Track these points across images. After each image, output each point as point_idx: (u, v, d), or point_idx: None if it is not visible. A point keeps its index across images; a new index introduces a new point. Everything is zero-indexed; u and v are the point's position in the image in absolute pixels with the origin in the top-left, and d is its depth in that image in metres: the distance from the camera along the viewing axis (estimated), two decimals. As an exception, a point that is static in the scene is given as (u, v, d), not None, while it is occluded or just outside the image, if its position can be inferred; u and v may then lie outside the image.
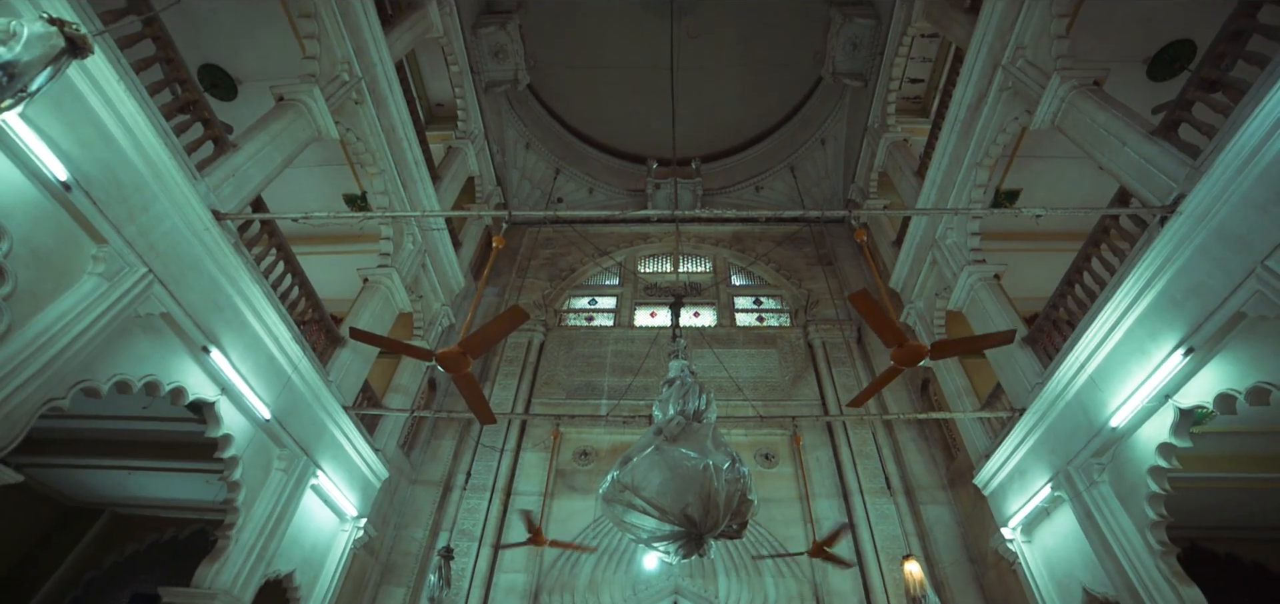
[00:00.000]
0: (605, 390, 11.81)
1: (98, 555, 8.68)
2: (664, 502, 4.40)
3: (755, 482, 10.00)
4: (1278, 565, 8.02)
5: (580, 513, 10.00)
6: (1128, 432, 5.95)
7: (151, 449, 7.55)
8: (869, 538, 9.36)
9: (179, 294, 5.45)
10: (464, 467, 10.46)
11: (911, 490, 9.84)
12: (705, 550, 4.53)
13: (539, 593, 9.32)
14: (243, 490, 6.15)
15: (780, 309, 13.86)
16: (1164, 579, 5.47)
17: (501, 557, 9.55)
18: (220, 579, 5.78)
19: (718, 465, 4.37)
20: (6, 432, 4.10)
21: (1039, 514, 7.24)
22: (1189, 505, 6.78)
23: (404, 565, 9.33)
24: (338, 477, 7.73)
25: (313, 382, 7.20)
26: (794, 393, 11.59)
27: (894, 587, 8.68)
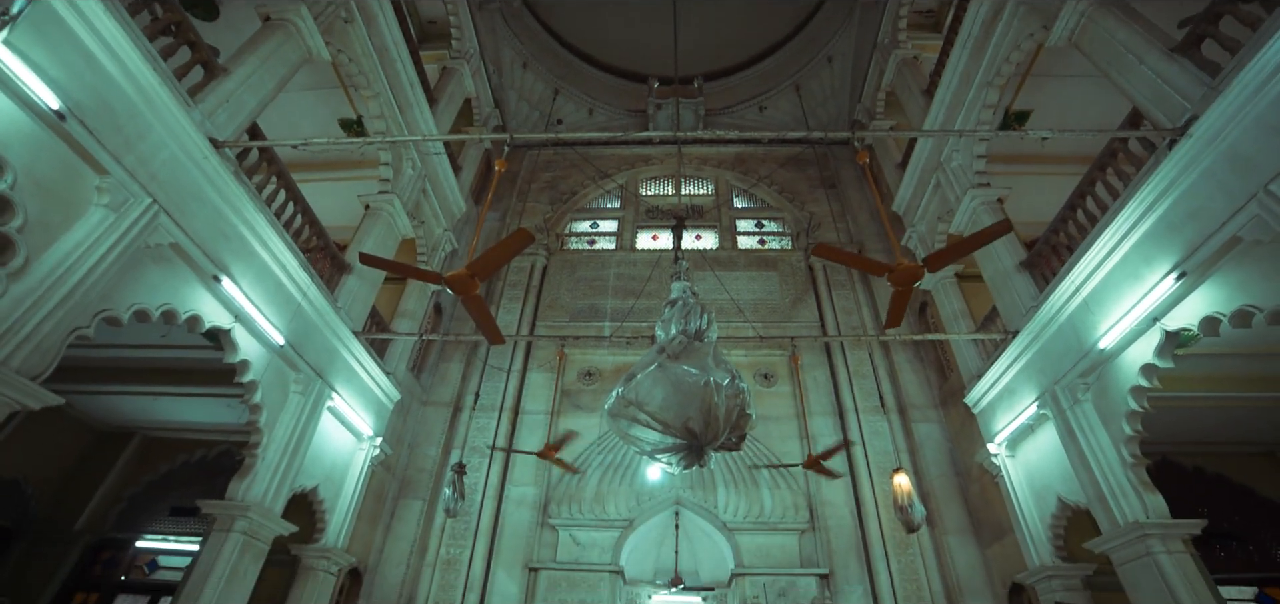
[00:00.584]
0: (608, 313, 12.03)
1: (135, 474, 9.20)
2: (667, 416, 4.66)
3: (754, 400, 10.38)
4: (1238, 476, 8.49)
5: (586, 429, 10.43)
6: (1114, 353, 6.14)
7: (175, 376, 7.85)
8: (862, 453, 9.82)
9: (185, 224, 5.50)
10: (473, 388, 10.84)
11: (904, 409, 10.23)
12: (705, 461, 4.85)
13: (548, 504, 9.90)
14: (264, 412, 6.44)
15: (782, 232, 13.86)
16: (1132, 488, 5.83)
17: (511, 471, 10.07)
18: (251, 493, 6.17)
19: (718, 382, 4.60)
20: (40, 359, 4.29)
21: (1024, 431, 7.58)
22: (1163, 423, 7.08)
23: (419, 481, 9.87)
24: (352, 399, 8.04)
25: (322, 308, 7.36)
26: (794, 315, 11.80)
27: (883, 497, 9.21)
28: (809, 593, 8.84)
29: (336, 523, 7.78)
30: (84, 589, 8.58)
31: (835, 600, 8.57)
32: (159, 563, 8.86)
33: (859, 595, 8.75)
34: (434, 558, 9.15)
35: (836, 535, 9.27)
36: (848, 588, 8.82)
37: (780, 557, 9.38)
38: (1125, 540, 5.78)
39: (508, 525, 9.58)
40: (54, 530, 8.63)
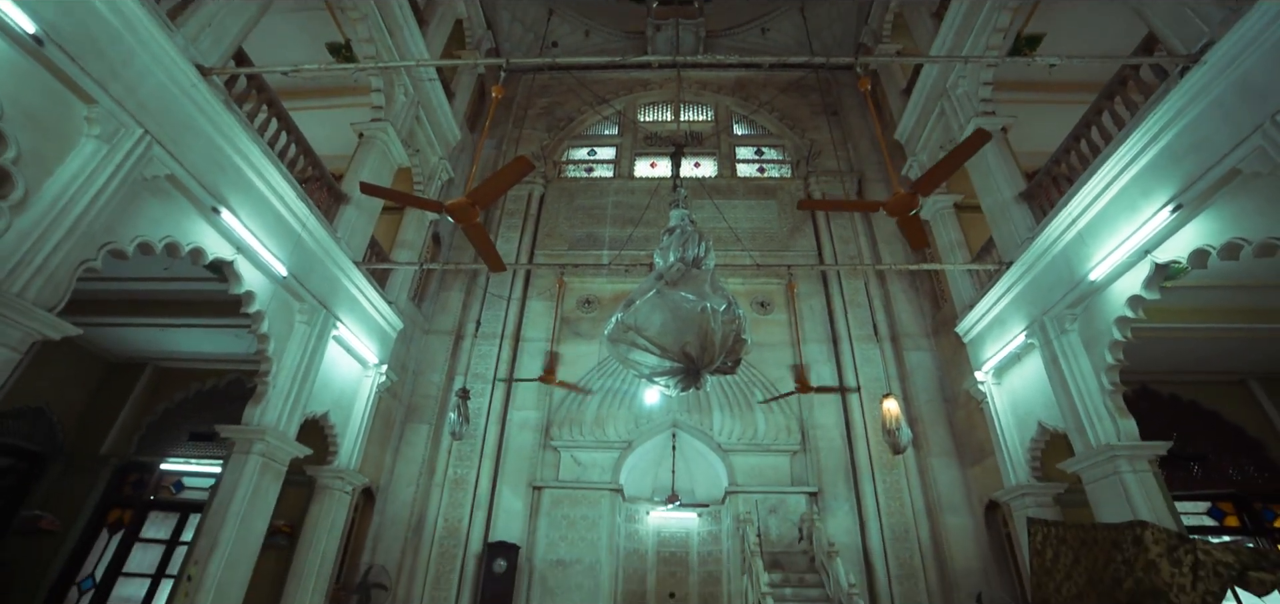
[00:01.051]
0: (606, 241, 12.07)
1: (150, 403, 9.52)
2: (665, 341, 4.85)
3: (750, 327, 10.64)
4: (1209, 403, 8.84)
5: (585, 356, 10.72)
6: (1103, 285, 6.26)
7: (183, 308, 7.98)
8: (854, 379, 10.14)
9: (180, 155, 5.46)
10: (473, 316, 11.03)
11: (897, 337, 10.47)
12: (701, 384, 5.08)
13: (550, 427, 10.31)
14: (272, 342, 6.61)
15: (782, 160, 13.68)
16: (1108, 413, 6.10)
17: (514, 396, 10.42)
18: (265, 418, 6.43)
19: (715, 308, 4.77)
20: (53, 291, 4.39)
21: (1011, 360, 7.82)
22: (1144, 353, 7.31)
23: (425, 406, 10.22)
24: (356, 328, 8.21)
25: (322, 239, 7.40)
26: (791, 244, 11.85)
27: (872, 422, 9.60)
28: (798, 509, 9.37)
29: (348, 446, 8.13)
30: (118, 507, 9.09)
31: (823, 516, 9.10)
32: (184, 483, 9.31)
33: (846, 511, 9.28)
34: (443, 478, 9.63)
35: (826, 456, 9.73)
36: (835, 505, 9.34)
37: (772, 476, 9.87)
38: (1096, 461, 6.11)
39: (512, 447, 10.01)
40: (82, 455, 9.04)
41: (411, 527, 9.21)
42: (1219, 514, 8.60)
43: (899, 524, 9.04)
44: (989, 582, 8.34)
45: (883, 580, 8.67)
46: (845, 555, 8.39)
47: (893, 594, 8.57)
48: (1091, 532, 6.15)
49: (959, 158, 4.66)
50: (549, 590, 8.98)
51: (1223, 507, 8.62)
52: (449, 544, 9.12)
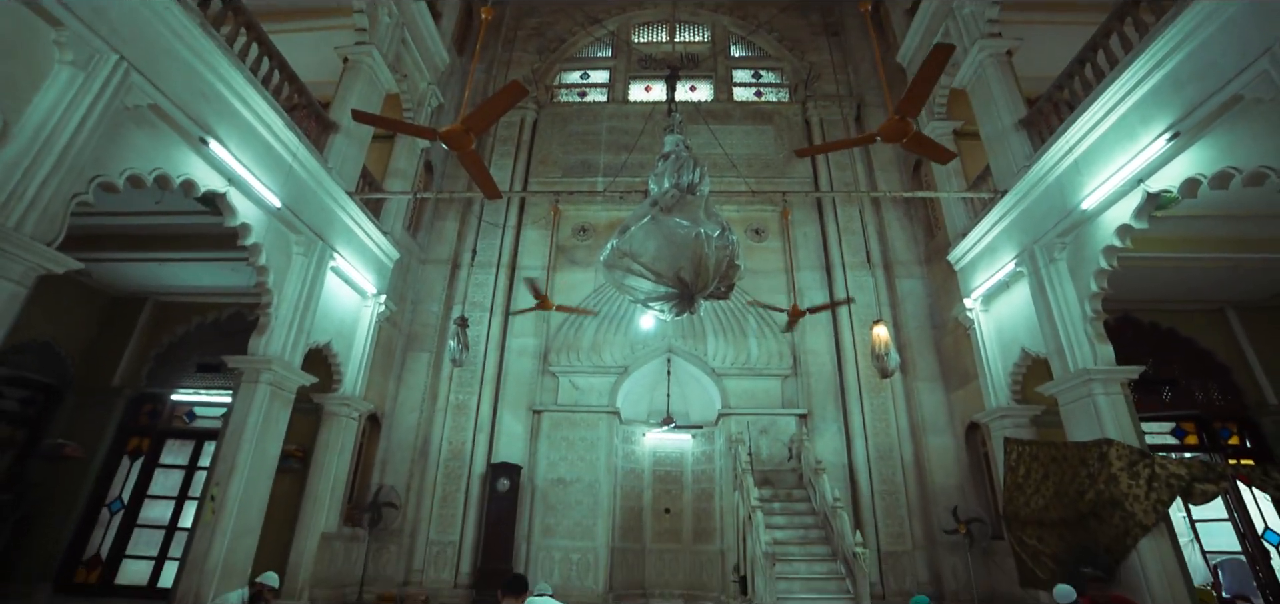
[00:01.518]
0: (601, 168, 11.92)
1: (155, 336, 9.65)
2: (659, 266, 4.97)
3: (745, 254, 10.70)
4: (1186, 331, 9.13)
5: (581, 284, 10.83)
6: (1094, 214, 6.33)
7: (181, 242, 7.96)
8: (846, 306, 10.33)
9: (161, 83, 5.30)
10: (469, 245, 11.04)
11: (890, 265, 10.59)
12: (696, 309, 5.22)
13: (548, 353, 10.55)
14: (271, 274, 6.65)
15: (779, 84, 13.31)
16: (1088, 340, 6.32)
17: (512, 323, 10.59)
18: (270, 348, 6.57)
19: (709, 234, 4.85)
20: (50, 225, 4.40)
21: (999, 287, 7.98)
22: (1128, 282, 7.48)
23: (425, 335, 10.40)
24: (353, 258, 8.24)
25: (313, 169, 7.30)
26: (788, 170, 11.74)
27: (862, 347, 9.86)
28: (789, 431, 9.79)
29: (351, 374, 8.35)
30: (136, 435, 9.40)
31: (812, 437, 9.51)
32: (196, 413, 9.59)
33: (834, 432, 9.71)
34: (445, 403, 9.94)
35: (817, 380, 10.06)
36: (824, 426, 9.75)
37: (764, 399, 10.24)
38: (1073, 384, 6.39)
39: (511, 373, 10.29)
40: (95, 387, 9.27)
41: (417, 450, 9.60)
42: (1182, 433, 9.07)
43: (884, 444, 9.49)
44: (965, 497, 8.86)
45: (866, 495, 9.20)
46: (832, 473, 8.84)
47: (875, 508, 9.11)
48: (1062, 449, 6.53)
49: (932, 71, 4.55)
50: (551, 507, 9.48)
51: (1185, 427, 9.08)
52: (454, 465, 9.54)
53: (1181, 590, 5.38)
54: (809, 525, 7.68)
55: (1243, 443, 8.84)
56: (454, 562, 9.00)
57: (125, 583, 8.46)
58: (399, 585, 8.78)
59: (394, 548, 8.99)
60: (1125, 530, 5.61)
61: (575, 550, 9.17)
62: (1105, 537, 5.82)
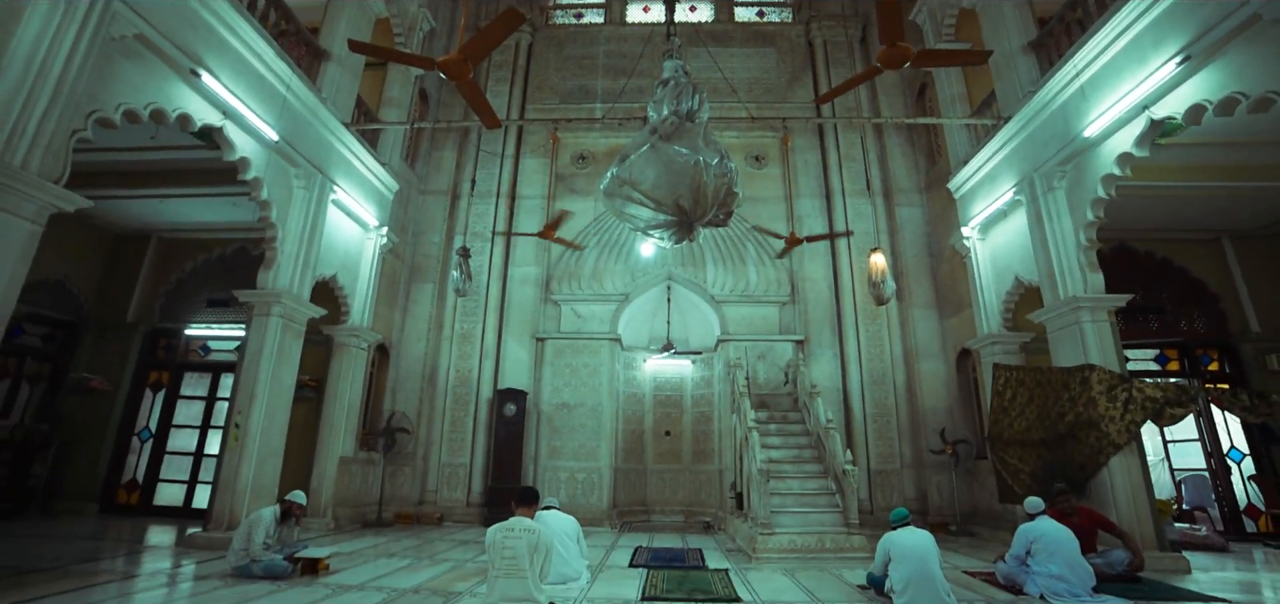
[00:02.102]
0: (599, 93, 11.65)
1: (164, 272, 9.79)
2: (658, 194, 5.05)
3: (744, 182, 10.70)
4: (1179, 260, 9.23)
5: (581, 212, 10.81)
6: (1097, 142, 6.29)
7: (181, 178, 7.95)
8: (845, 235, 10.39)
9: (145, 13, 5.15)
10: (468, 175, 10.95)
11: (890, 193, 10.57)
12: (695, 236, 5.34)
13: (549, 281, 10.70)
14: (273, 208, 6.68)
15: (783, 2, 12.76)
16: (1080, 268, 6.44)
17: (513, 253, 10.68)
18: (278, 282, 6.70)
19: (707, 162, 4.90)
20: (54, 163, 4.41)
21: (997, 216, 8.01)
22: (1126, 211, 7.52)
23: (427, 266, 10.50)
24: (353, 191, 8.23)
25: (308, 100, 7.17)
26: (789, 94, 11.49)
27: (860, 274, 9.99)
28: (785, 356, 10.08)
29: (358, 306, 8.52)
30: (155, 369, 9.72)
31: (808, 362, 9.80)
32: (210, 347, 9.85)
33: (829, 358, 10.01)
34: (450, 332, 10.18)
35: (814, 307, 10.27)
36: (820, 352, 10.04)
37: (762, 325, 10.48)
38: (1062, 311, 6.56)
39: (514, 302, 10.47)
40: (111, 324, 9.50)
41: (426, 377, 9.92)
42: (1164, 360, 9.36)
43: (877, 369, 9.81)
44: (953, 420, 9.25)
45: (859, 418, 9.60)
46: (826, 396, 9.17)
47: (867, 430, 9.53)
48: (1047, 374, 6.79)
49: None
50: (556, 430, 9.91)
51: (1169, 353, 9.36)
52: (462, 392, 9.89)
53: (1144, 503, 5.76)
54: (802, 446, 8.07)
55: (1222, 368, 9.14)
56: (466, 482, 9.51)
57: (162, 504, 9.01)
58: (415, 505, 9.32)
59: (408, 470, 9.48)
60: (1099, 449, 5.93)
61: (580, 471, 9.67)
62: (1080, 455, 6.16)
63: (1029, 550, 4.59)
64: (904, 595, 4.07)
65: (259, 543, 4.70)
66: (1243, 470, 8.58)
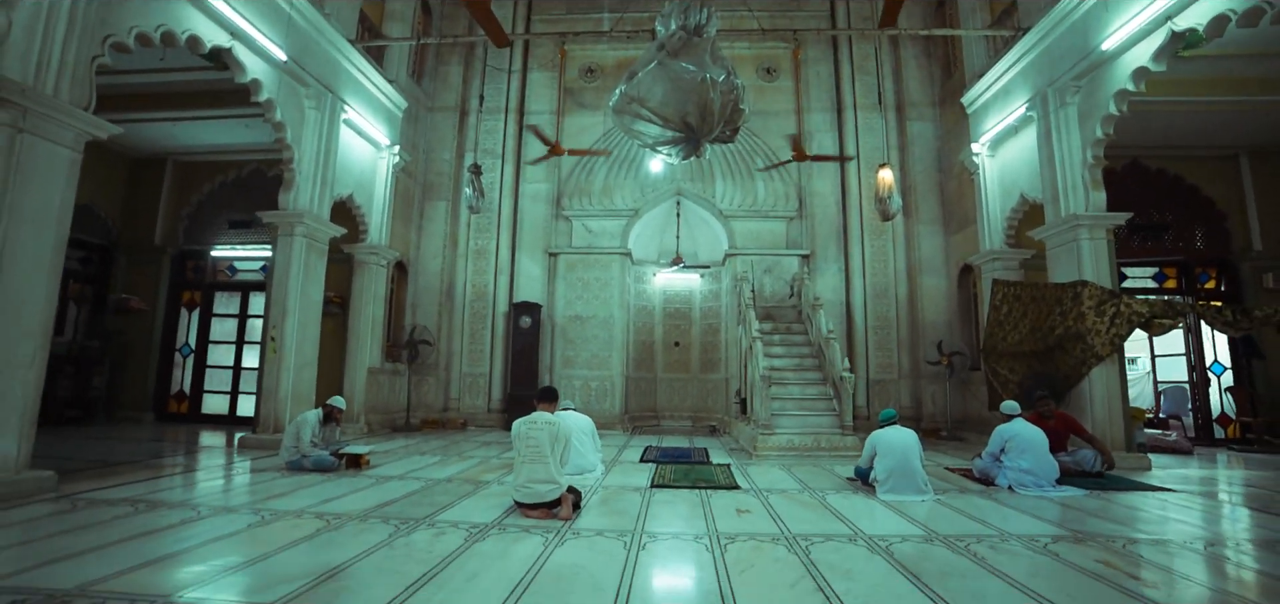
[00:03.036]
0: (606, 3, 11.26)
1: (184, 196, 10.06)
2: (666, 111, 5.20)
3: (755, 95, 10.63)
4: (1192, 177, 9.11)
5: (590, 127, 10.81)
6: (1114, 55, 6.17)
7: (193, 100, 8.05)
8: (855, 147, 10.34)
9: (149, -68, 5.11)
10: (475, 91, 10.86)
11: (903, 106, 10.39)
12: (702, 153, 5.52)
13: (560, 198, 10.85)
14: (288, 129, 6.81)
15: (803, -106, 11.92)
16: (1084, 186, 6.50)
17: (525, 169, 10.77)
18: (299, 202, 6.95)
19: (714, 79, 5.02)
20: (81, 90, 4.56)
21: (1008, 132, 7.95)
22: (1140, 127, 7.40)
23: (439, 184, 10.65)
24: (363, 110, 8.27)
25: (313, 18, 7.10)
26: (803, 3, 11.04)
27: (867, 190, 10.03)
28: (791, 270, 10.33)
29: (375, 224, 8.78)
30: (187, 289, 10.20)
31: (813, 276, 10.07)
32: (236, 267, 10.25)
33: (834, 272, 10.25)
34: (465, 249, 10.49)
35: (821, 223, 10.40)
36: (825, 266, 10.28)
37: (769, 239, 10.67)
38: (1061, 228, 6.69)
39: (526, 218, 10.69)
40: (140, 246, 9.88)
41: (444, 293, 10.34)
42: (1162, 277, 9.48)
43: (881, 283, 10.06)
44: (951, 333, 9.59)
45: (861, 329, 9.97)
46: (829, 309, 9.51)
47: (867, 341, 9.92)
48: (1042, 289, 7.02)
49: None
50: (570, 341, 10.40)
51: (1167, 271, 9.47)
52: (479, 306, 10.33)
53: (1118, 409, 6.14)
54: (804, 355, 8.48)
55: (1218, 287, 9.28)
56: (486, 390, 10.13)
57: (209, 412, 9.77)
58: (440, 411, 10.00)
59: (432, 380, 10.09)
60: (1083, 360, 6.26)
61: (594, 379, 10.23)
62: (1066, 366, 6.50)
63: (1003, 448, 5.02)
64: (886, 484, 4.54)
65: (307, 441, 5.23)
66: (1221, 383, 8.95)
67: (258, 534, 3.19)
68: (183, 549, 2.90)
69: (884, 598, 2.40)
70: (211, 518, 3.52)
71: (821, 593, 2.44)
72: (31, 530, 3.18)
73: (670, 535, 3.36)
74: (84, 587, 2.31)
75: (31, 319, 3.99)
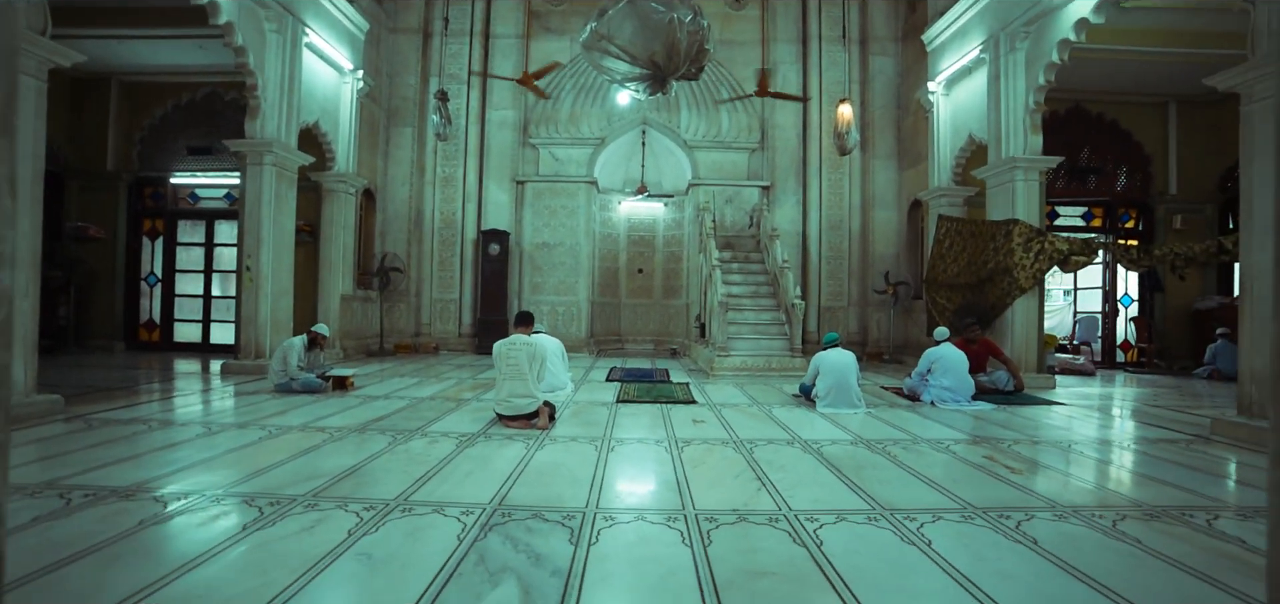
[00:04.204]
0: (574, -82, 10.87)
1: (136, 120, 9.60)
2: (634, 49, 5.47)
3: (721, 24, 10.71)
4: (1127, 122, 9.79)
5: (556, 52, 10.64)
6: (1062, 4, 6.52)
7: (142, 17, 7.61)
8: (817, 81, 10.60)
9: None
10: (439, 11, 10.51)
11: (866, 41, 10.60)
12: (668, 90, 5.84)
13: (527, 125, 10.85)
14: (249, 54, 6.64)
15: None
16: (1024, 130, 7.01)
17: (490, 96, 10.67)
18: (266, 130, 6.88)
19: (681, 19, 5.30)
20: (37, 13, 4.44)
21: (962, 73, 8.33)
22: (1082, 74, 7.85)
23: (405, 109, 10.48)
24: (325, 33, 8.02)
25: (266, -71, 6.79)
26: (776, -73, 10.90)
27: (827, 123, 10.38)
28: (752, 200, 10.75)
29: (342, 151, 8.70)
30: (147, 217, 9.93)
31: (772, 208, 10.53)
32: (197, 195, 9.99)
33: (792, 204, 10.72)
34: (433, 176, 10.49)
35: (781, 155, 10.76)
36: (784, 198, 10.73)
37: (731, 171, 11.01)
38: (1001, 169, 7.26)
39: (493, 146, 10.69)
40: (91, 173, 9.50)
41: (412, 221, 10.41)
42: (1090, 216, 10.31)
43: (836, 215, 10.61)
44: (899, 265, 10.29)
45: (815, 259, 10.58)
46: (786, 239, 10.05)
47: (821, 271, 10.56)
48: (980, 226, 7.67)
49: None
50: (537, 267, 10.71)
51: (1095, 211, 10.29)
52: (447, 233, 10.47)
53: (1033, 336, 6.96)
54: (760, 283, 9.06)
55: (1136, 226, 10.17)
56: (456, 315, 10.44)
57: (182, 340, 9.82)
58: (412, 336, 10.30)
59: (403, 306, 10.32)
60: (1008, 292, 6.99)
61: (561, 304, 10.65)
62: (994, 296, 7.24)
63: (930, 368, 5.73)
64: (825, 399, 5.19)
65: (294, 365, 5.54)
66: (1127, 314, 10.02)
67: (270, 445, 3.58)
68: (209, 457, 3.28)
69: (809, 484, 2.99)
70: (223, 433, 3.88)
71: (759, 482, 3.01)
72: (61, 445, 3.49)
73: (635, 441, 3.90)
74: (140, 485, 2.69)
75: (22, 250, 4.10)
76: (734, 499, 2.74)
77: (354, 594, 1.82)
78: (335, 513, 2.45)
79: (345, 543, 2.15)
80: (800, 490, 2.88)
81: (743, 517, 2.51)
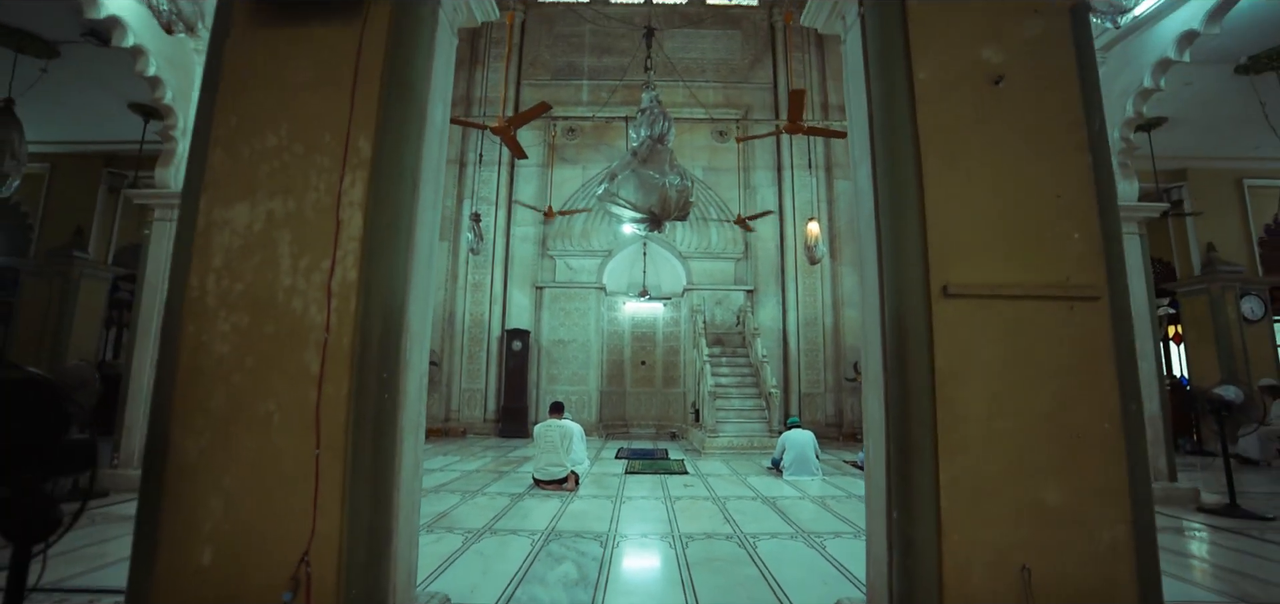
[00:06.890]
0: (585, 70, 13.25)
1: None
2: (636, 202, 7.23)
3: (708, 155, 12.72)
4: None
5: (571, 179, 12.74)
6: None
7: None
8: (791, 201, 12.56)
9: None
10: (473, 146, 12.65)
11: (830, 167, 12.67)
12: (663, 229, 7.58)
13: (546, 240, 12.72)
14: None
15: (750, -15, 14.23)
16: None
17: (515, 214, 12.62)
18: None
19: (672, 181, 7.08)
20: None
21: (901, 199, 10.22)
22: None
23: (443, 228, 12.39)
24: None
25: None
26: (752, 76, 13.25)
27: (800, 237, 12.23)
28: (738, 302, 12.43)
29: (393, 265, 10.46)
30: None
31: (755, 308, 12.19)
32: None
33: (773, 304, 12.40)
34: (464, 283, 12.25)
35: (763, 263, 12.55)
36: (766, 299, 12.42)
37: (720, 277, 12.76)
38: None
39: (516, 257, 12.52)
40: None
41: (445, 320, 12.07)
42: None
43: (811, 313, 12.26)
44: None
45: (795, 351, 12.13)
46: (767, 335, 11.64)
47: (799, 361, 12.08)
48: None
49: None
50: (553, 360, 12.25)
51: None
52: (476, 331, 12.09)
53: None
54: (745, 374, 10.56)
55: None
56: (482, 402, 11.88)
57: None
58: (442, 421, 11.70)
59: (435, 395, 11.78)
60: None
61: (574, 393, 12.10)
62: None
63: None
64: (790, 469, 6.58)
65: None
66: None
67: (378, 500, 4.99)
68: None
69: (758, 520, 4.40)
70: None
71: (725, 519, 4.43)
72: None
73: (640, 497, 5.30)
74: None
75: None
76: (706, 528, 4.16)
77: (482, 567, 3.25)
78: (448, 535, 3.87)
79: (463, 547, 3.59)
80: (750, 522, 4.30)
81: (710, 536, 3.93)
